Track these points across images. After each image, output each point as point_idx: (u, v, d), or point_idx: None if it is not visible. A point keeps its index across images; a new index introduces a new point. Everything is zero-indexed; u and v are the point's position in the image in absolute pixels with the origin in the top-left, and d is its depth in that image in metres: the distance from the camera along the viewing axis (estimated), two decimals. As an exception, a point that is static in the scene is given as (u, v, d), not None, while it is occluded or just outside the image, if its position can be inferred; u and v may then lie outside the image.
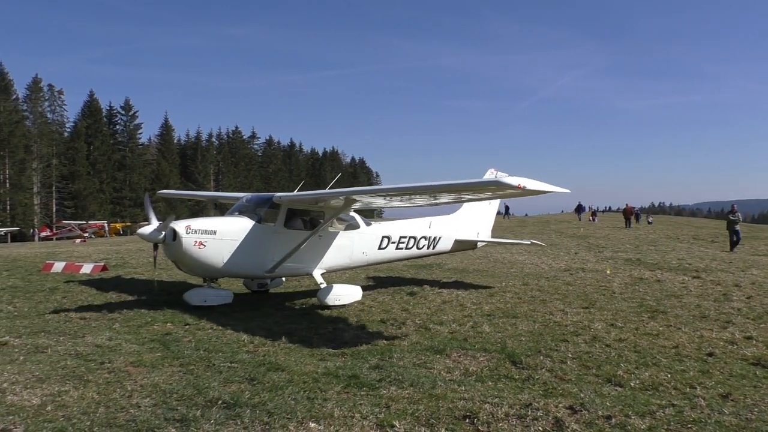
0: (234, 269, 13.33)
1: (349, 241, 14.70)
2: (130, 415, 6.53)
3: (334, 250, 14.40)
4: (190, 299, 13.14)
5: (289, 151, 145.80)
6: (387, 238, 15.39)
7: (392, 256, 15.92)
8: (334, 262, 14.58)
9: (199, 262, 12.87)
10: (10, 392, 7.26)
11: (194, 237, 12.70)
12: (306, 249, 13.67)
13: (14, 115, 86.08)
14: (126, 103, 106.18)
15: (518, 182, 9.51)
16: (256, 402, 6.89)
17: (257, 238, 13.25)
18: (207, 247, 12.75)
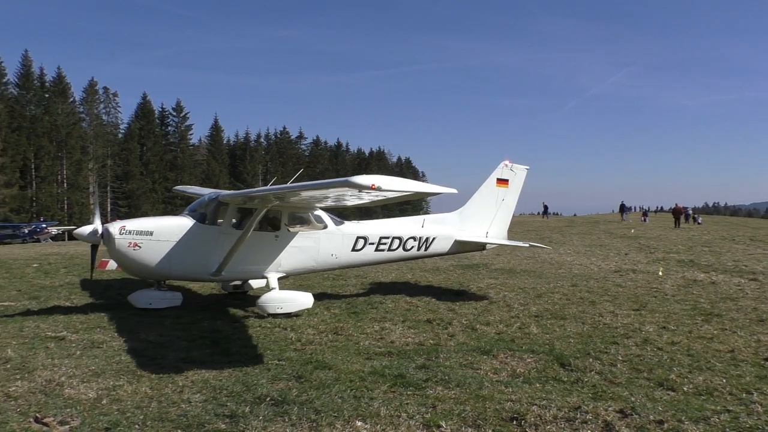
0: (174, 271, 12.69)
1: (313, 243, 13.67)
2: (182, 410, 6.68)
3: (294, 251, 13.41)
4: (135, 302, 12.80)
5: (336, 151, 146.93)
6: (363, 239, 14.16)
7: (371, 258, 14.63)
8: (296, 265, 13.59)
9: (134, 263, 12.42)
10: (67, 386, 7.52)
11: (128, 238, 12.28)
12: (259, 250, 13.01)
13: (72, 117, 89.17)
14: (177, 104, 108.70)
15: (371, 181, 8.70)
16: (304, 400, 6.96)
17: (199, 238, 12.60)
18: (142, 249, 12.27)
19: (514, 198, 16.83)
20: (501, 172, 16.50)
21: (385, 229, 14.76)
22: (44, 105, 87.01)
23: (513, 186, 16.65)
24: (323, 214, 14.03)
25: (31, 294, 14.97)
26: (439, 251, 15.45)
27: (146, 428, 6.18)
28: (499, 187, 16.40)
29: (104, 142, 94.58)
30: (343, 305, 13.34)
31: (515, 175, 16.62)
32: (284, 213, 13.32)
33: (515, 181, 16.65)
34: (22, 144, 79.46)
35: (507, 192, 16.54)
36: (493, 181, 16.44)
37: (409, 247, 14.82)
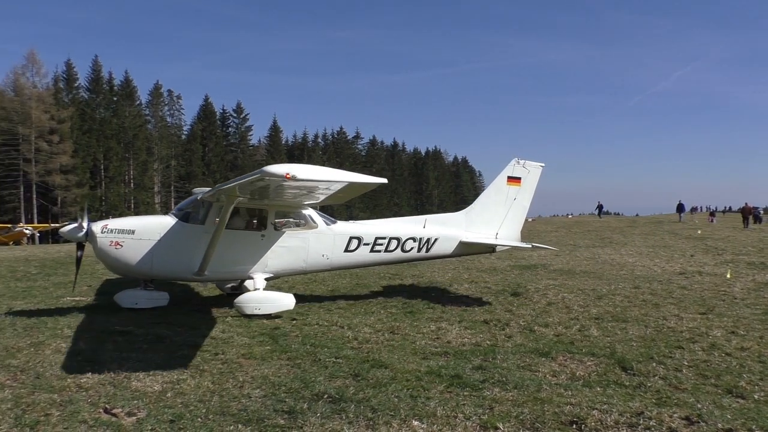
0: (156, 270, 12.63)
1: (302, 243, 13.39)
2: (242, 405, 6.84)
3: (282, 251, 13.17)
4: (121, 301, 12.83)
5: (392, 151, 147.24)
6: (357, 240, 13.83)
7: (366, 259, 14.19)
8: (283, 266, 13.35)
9: (117, 261, 12.49)
10: (134, 378, 7.80)
11: (110, 237, 12.35)
12: (245, 250, 12.91)
13: (138, 119, 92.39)
14: (238, 106, 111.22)
15: (286, 170, 8.45)
16: (361, 398, 7.02)
17: (181, 238, 12.57)
18: (124, 247, 12.33)
19: (527, 197, 16.00)
20: (512, 170, 15.75)
21: (382, 230, 14.37)
22: (113, 108, 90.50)
23: (526, 184, 15.84)
24: (313, 213, 13.76)
25: (100, 290, 15.60)
26: (441, 253, 14.88)
27: (208, 422, 6.35)
28: (510, 185, 15.66)
29: (168, 143, 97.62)
30: (399, 304, 13.36)
31: (528, 173, 15.85)
32: (271, 212, 13.17)
33: (528, 179, 15.87)
34: (92, 145, 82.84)
35: (519, 191, 15.74)
36: (503, 179, 15.73)
37: (408, 248, 14.38)
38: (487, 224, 15.45)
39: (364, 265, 14.80)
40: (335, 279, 17.36)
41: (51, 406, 6.80)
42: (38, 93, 76.81)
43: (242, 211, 13.18)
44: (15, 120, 73.80)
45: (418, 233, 14.52)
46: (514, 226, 15.87)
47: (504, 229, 15.61)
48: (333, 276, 17.94)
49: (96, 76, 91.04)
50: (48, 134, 75.91)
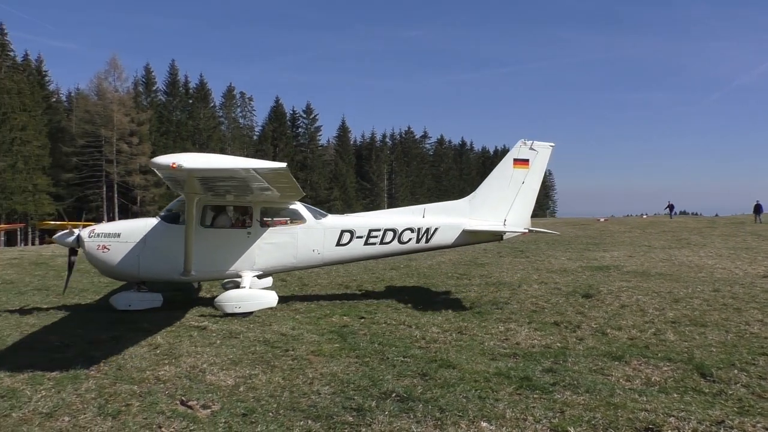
0: (143, 272, 12.69)
1: (290, 238, 13.24)
2: (312, 401, 6.95)
3: (270, 248, 13.07)
4: (116, 303, 12.86)
5: (460, 150, 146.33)
6: (349, 233, 13.57)
7: (361, 253, 13.87)
8: (272, 262, 13.23)
9: (105, 265, 12.63)
10: (209, 372, 8.06)
11: (97, 241, 12.52)
12: (231, 248, 12.88)
13: (212, 121, 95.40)
14: (307, 106, 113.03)
15: (172, 160, 8.17)
16: (429, 397, 7.01)
17: (165, 239, 12.59)
18: (111, 251, 12.47)
19: (536, 180, 15.17)
20: (518, 152, 14.99)
21: (377, 221, 14.02)
22: (188, 110, 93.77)
23: (535, 166, 15.04)
24: (300, 207, 13.63)
25: (176, 286, 16.15)
26: (443, 243, 14.38)
27: (279, 416, 6.49)
28: (517, 168, 14.90)
29: (240, 143, 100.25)
30: (467, 305, 13.26)
31: (537, 154, 15.05)
32: (256, 208, 13.10)
33: (537, 160, 15.07)
34: (169, 147, 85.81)
35: (527, 173, 14.94)
36: (508, 162, 15.03)
37: (406, 240, 13.96)
38: (493, 210, 14.80)
39: (360, 258, 14.47)
40: (402, 278, 17.41)
41: (131, 397, 7.12)
42: (119, 97, 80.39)
43: (226, 210, 13.24)
44: (98, 123, 77.58)
45: (416, 223, 14.09)
46: (524, 211, 15.09)
47: (513, 215, 14.90)
48: (400, 275, 18.00)
49: (173, 80, 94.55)
50: (128, 136, 79.38)
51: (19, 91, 74.80)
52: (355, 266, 20.00)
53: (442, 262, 21.59)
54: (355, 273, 18.43)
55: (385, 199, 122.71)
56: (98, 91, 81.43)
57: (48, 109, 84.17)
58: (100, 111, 78.62)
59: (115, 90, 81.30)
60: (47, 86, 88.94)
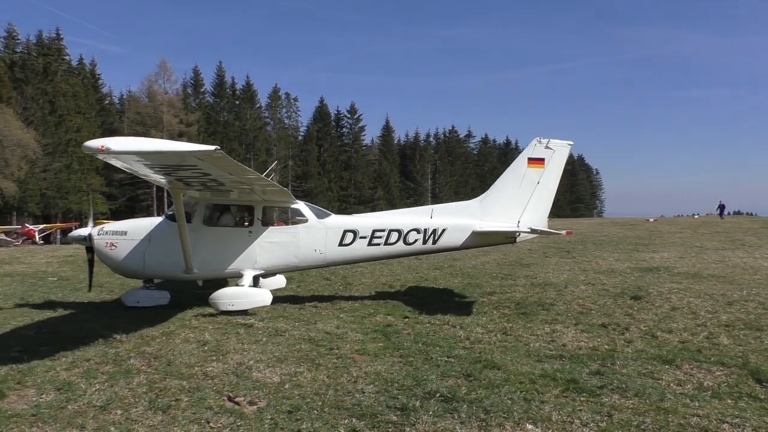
0: (148, 269, 12.99)
1: (291, 237, 13.20)
2: (356, 400, 6.99)
3: (271, 247, 13.07)
4: (125, 300, 13.20)
5: (505, 149, 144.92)
6: (352, 233, 13.35)
7: (365, 253, 13.62)
8: (273, 261, 13.23)
9: (113, 261, 13.00)
10: (255, 369, 8.19)
11: (106, 238, 12.91)
12: (233, 246, 12.94)
13: (258, 121, 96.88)
14: (351, 107, 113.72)
15: (100, 144, 8.06)
16: (473, 398, 6.97)
17: (169, 237, 12.70)
18: (118, 248, 12.83)
19: (553, 180, 14.47)
20: (533, 151, 14.41)
21: (381, 222, 13.75)
22: (235, 111, 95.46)
23: (551, 166, 14.39)
24: (303, 207, 13.58)
25: (223, 284, 16.44)
26: (451, 244, 13.88)
27: (324, 414, 6.55)
28: (531, 167, 14.31)
29: (286, 144, 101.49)
30: (512, 305, 13.13)
31: (553, 153, 14.40)
32: (257, 207, 13.16)
33: (554, 160, 14.43)
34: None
35: (543, 173, 14.31)
36: (522, 161, 14.44)
37: (411, 241, 13.56)
38: (506, 211, 14.17)
39: (364, 259, 14.28)
40: (446, 278, 17.35)
41: (180, 392, 7.28)
42: (169, 99, 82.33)
43: (228, 208, 13.41)
44: (148, 124, 79.59)
45: (422, 224, 13.70)
46: (539, 212, 14.38)
47: (528, 216, 14.20)
48: (444, 275, 17.94)
49: (220, 82, 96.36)
50: (177, 137, 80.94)
51: (74, 94, 77.33)
52: (398, 266, 20.03)
53: (486, 262, 21.44)
54: (399, 272, 18.45)
55: (429, 199, 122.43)
56: (149, 94, 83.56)
57: (101, 111, 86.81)
58: (151, 113, 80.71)
59: (164, 92, 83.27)
60: (101, 89, 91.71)
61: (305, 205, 13.73)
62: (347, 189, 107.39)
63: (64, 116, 73.80)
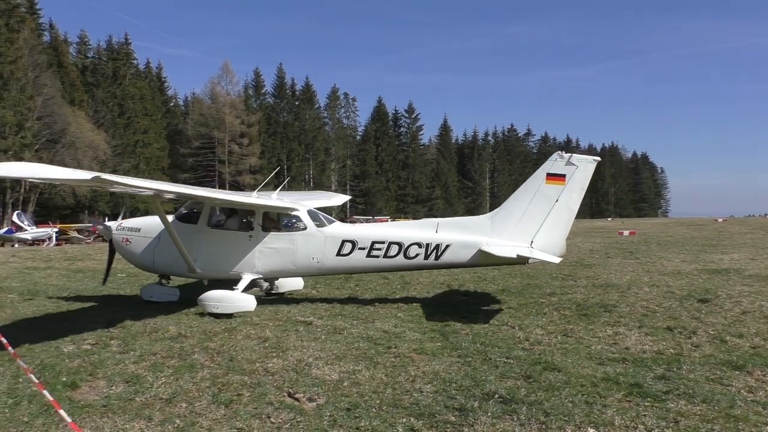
0: (157, 265, 13.57)
1: (289, 244, 13.12)
2: (414, 399, 6.99)
3: (269, 252, 13.09)
4: (142, 294, 13.97)
5: (565, 148, 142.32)
6: (351, 243, 12.97)
7: (363, 264, 13.16)
8: (271, 267, 13.22)
9: (128, 255, 13.82)
10: (314, 366, 8.30)
11: (122, 233, 13.66)
12: (233, 250, 13.08)
13: (317, 122, 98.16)
14: (409, 106, 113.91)
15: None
16: (533, 400, 6.87)
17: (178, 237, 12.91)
18: (132, 243, 13.54)
19: (574, 198, 13.15)
20: (552, 166, 13.18)
21: (382, 233, 13.28)
22: (294, 112, 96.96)
23: (573, 183, 13.04)
24: (303, 214, 13.40)
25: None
26: (456, 261, 13.05)
27: (382, 413, 6.58)
28: (550, 184, 13.09)
29: (344, 144, 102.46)
30: (572, 306, 12.88)
31: (576, 170, 13.05)
32: (258, 213, 13.22)
33: (576, 177, 13.06)
34: (277, 147, 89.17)
35: (563, 190, 13.01)
36: (541, 176, 13.22)
37: (412, 255, 12.91)
38: (518, 230, 13.09)
39: (363, 270, 13.91)
40: (505, 278, 17.16)
41: (242, 387, 7.44)
42: (231, 100, 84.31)
43: (230, 212, 13.71)
44: (211, 125, 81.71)
45: (425, 238, 12.98)
46: (556, 233, 13.11)
47: (542, 237, 13.01)
48: (503, 275, 17.75)
49: (280, 83, 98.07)
50: (239, 137, 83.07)
51: (142, 96, 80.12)
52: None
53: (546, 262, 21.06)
54: (457, 272, 18.33)
55: (487, 198, 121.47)
56: (212, 95, 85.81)
57: (167, 113, 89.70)
58: (214, 114, 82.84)
59: (227, 94, 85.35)
60: (166, 92, 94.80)
61: (308, 212, 13.59)
62: (405, 188, 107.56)
63: (132, 118, 76.57)
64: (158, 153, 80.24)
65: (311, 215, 13.51)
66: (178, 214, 13.76)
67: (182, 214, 13.73)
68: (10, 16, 61.11)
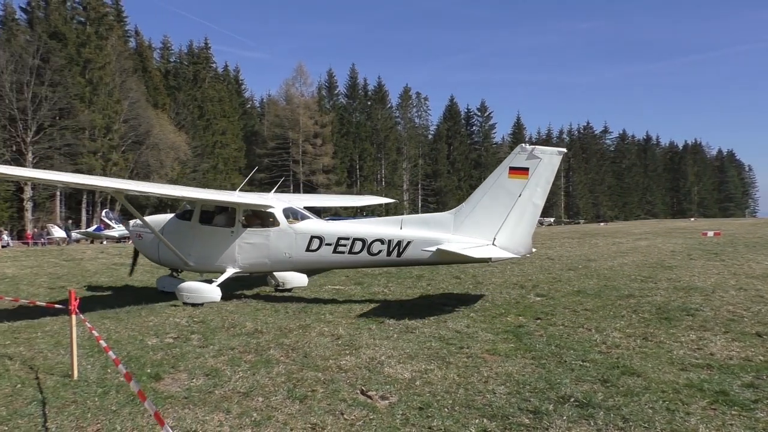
0: (162, 259, 14.77)
1: (264, 240, 13.68)
2: (486, 400, 6.92)
3: (248, 248, 13.76)
4: (158, 284, 15.39)
5: (645, 145, 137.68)
6: (318, 239, 13.26)
7: (331, 260, 13.42)
8: (249, 262, 13.87)
9: (141, 250, 15.30)
10: (387, 365, 8.34)
11: (136, 230, 15.12)
12: (218, 245, 13.90)
13: (389, 121, 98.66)
14: (482, 104, 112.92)
15: None
16: (610, 405, 6.68)
17: (174, 232, 14.26)
18: (143, 239, 14.91)
19: (539, 193, 12.58)
20: (514, 159, 12.69)
21: (348, 229, 13.35)
22: (367, 112, 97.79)
23: (537, 177, 12.50)
24: (277, 210, 13.86)
25: (356, 280, 16.93)
26: (417, 259, 12.81)
27: (454, 413, 6.55)
28: (513, 178, 12.55)
29: (416, 143, 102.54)
30: (652, 309, 12.40)
31: (539, 163, 12.48)
32: (239, 210, 13.95)
33: (540, 170, 12.49)
34: (349, 147, 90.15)
35: (526, 185, 12.47)
36: (503, 170, 12.70)
37: (376, 251, 12.83)
38: (480, 227, 12.59)
39: (332, 266, 14.54)
40: (581, 279, 16.72)
41: (316, 383, 7.57)
42: (305, 101, 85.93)
43: (216, 210, 14.45)
44: (286, 126, 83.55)
45: (388, 235, 12.83)
46: (520, 231, 12.58)
47: (505, 234, 12.50)
48: (578, 276, 17.32)
49: (353, 83, 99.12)
50: (312, 138, 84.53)
51: (220, 99, 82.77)
52: (530, 265, 19.60)
53: (625, 263, 20.44)
54: (530, 273, 18.04)
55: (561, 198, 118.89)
56: (286, 97, 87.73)
57: (243, 114, 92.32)
58: (288, 115, 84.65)
59: (301, 95, 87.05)
60: (243, 94, 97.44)
61: (282, 209, 14.01)
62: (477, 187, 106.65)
63: (211, 120, 79.24)
64: (235, 153, 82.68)
65: (285, 212, 13.97)
66: (178, 212, 15.07)
67: (181, 212, 15.05)
68: (100, 24, 64.44)
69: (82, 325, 8.37)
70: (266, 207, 14.02)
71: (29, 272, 20.44)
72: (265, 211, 14.04)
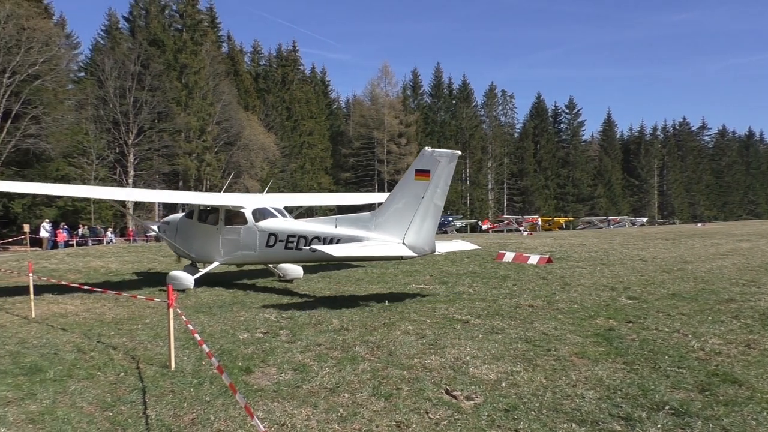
0: (178, 251, 17.24)
1: (237, 236, 15.57)
2: (575, 404, 6.74)
3: (227, 243, 15.78)
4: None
5: (746, 142, 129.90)
6: (275, 236, 14.85)
7: (285, 256, 15.05)
8: (230, 255, 15.87)
9: (168, 244, 17.88)
10: (472, 365, 8.27)
11: (163, 227, 17.76)
12: (208, 240, 16.07)
13: (474, 120, 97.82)
14: (570, 102, 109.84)
15: None
16: (709, 415, 6.35)
17: (183, 229, 16.84)
18: (166, 234, 17.36)
19: (439, 194, 12.96)
20: (419, 162, 13.04)
21: (296, 227, 14.80)
22: (451, 111, 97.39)
23: (437, 179, 12.84)
24: (247, 211, 15.56)
25: (440, 279, 16.89)
26: (342, 255, 13.67)
27: (541, 416, 6.42)
28: (418, 180, 12.95)
29: (501, 141, 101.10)
30: (756, 315, 11.68)
31: (438, 164, 12.79)
32: (221, 210, 15.97)
33: (439, 171, 12.80)
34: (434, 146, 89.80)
35: (428, 186, 12.84)
36: (411, 173, 13.16)
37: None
38: (393, 226, 13.18)
39: (286, 261, 16.09)
40: (676, 282, 15.98)
41: (401, 382, 7.61)
42: (390, 101, 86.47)
43: (210, 210, 16.50)
44: (371, 126, 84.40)
45: (324, 233, 13.95)
46: (425, 230, 13.07)
47: (412, 233, 13.04)
48: (673, 279, 16.56)
49: (437, 82, 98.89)
50: (397, 137, 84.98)
51: (307, 100, 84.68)
52: (621, 267, 18.93)
53: (724, 266, 19.36)
54: (621, 274, 17.41)
55: (655, 197, 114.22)
56: (371, 97, 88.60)
57: (330, 115, 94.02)
58: (373, 115, 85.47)
59: (386, 95, 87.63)
60: (329, 95, 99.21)
61: (252, 209, 15.67)
62: (565, 186, 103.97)
63: (299, 121, 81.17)
64: (322, 154, 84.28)
65: (254, 212, 15.61)
66: (186, 212, 17.32)
67: (187, 212, 17.24)
68: (195, 30, 67.28)
69: (179, 318, 8.77)
70: (239, 207, 15.82)
71: (130, 267, 21.63)
72: (238, 211, 15.79)
